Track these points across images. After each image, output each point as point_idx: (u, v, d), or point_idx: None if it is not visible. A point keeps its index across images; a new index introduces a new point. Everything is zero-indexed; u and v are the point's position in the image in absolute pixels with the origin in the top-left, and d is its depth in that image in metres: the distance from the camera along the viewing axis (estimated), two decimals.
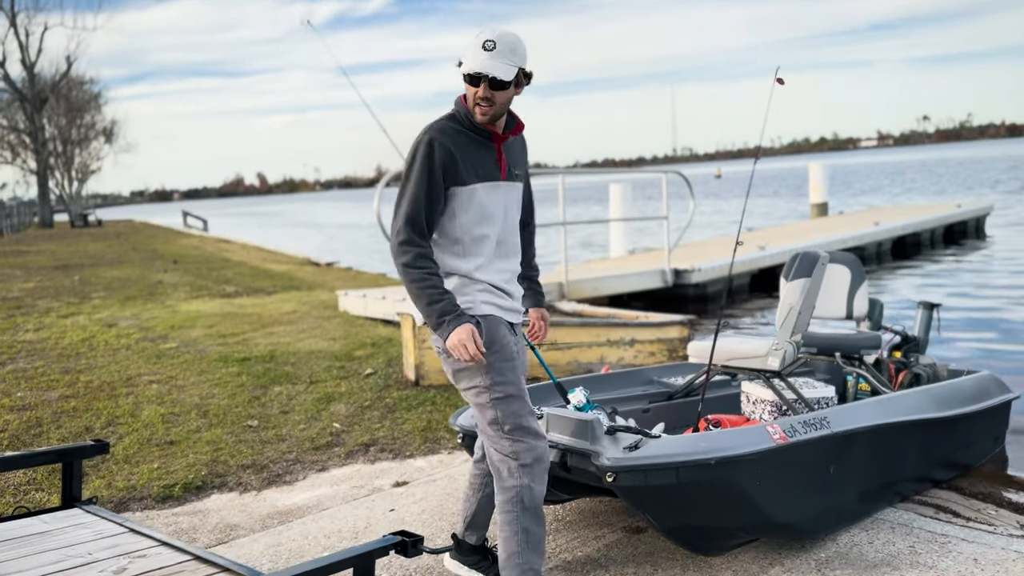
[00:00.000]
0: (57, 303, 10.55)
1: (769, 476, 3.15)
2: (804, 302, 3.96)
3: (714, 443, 3.02)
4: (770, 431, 3.18)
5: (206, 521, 3.99)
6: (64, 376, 6.34)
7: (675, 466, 2.91)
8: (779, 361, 3.89)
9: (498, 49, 2.62)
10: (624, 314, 8.20)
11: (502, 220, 2.79)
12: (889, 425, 3.57)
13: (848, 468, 3.49)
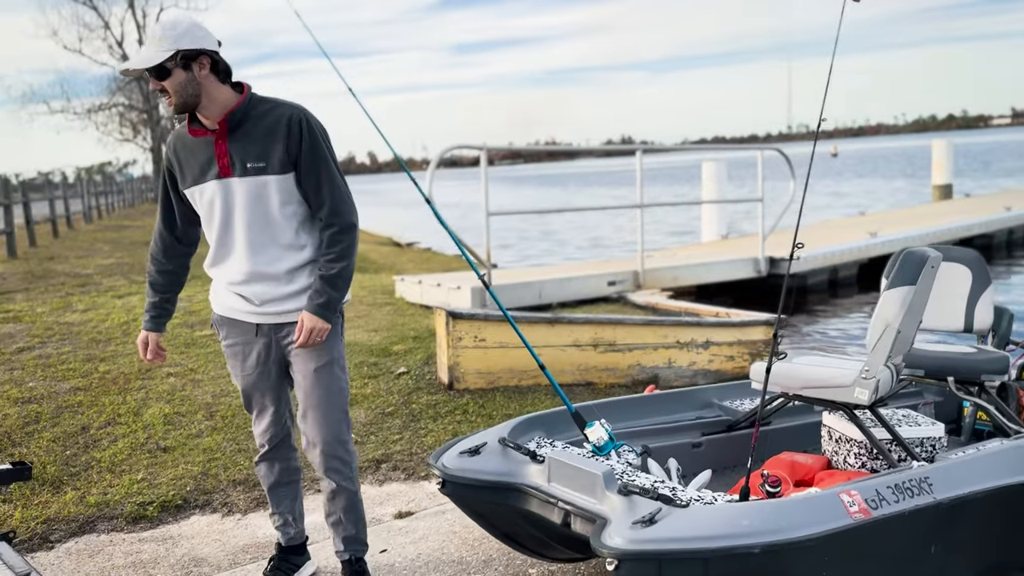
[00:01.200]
0: (122, 281, 10.40)
1: (841, 564, 2.28)
2: (906, 317, 3.01)
3: (764, 520, 2.18)
4: (845, 500, 2.31)
5: (172, 552, 3.42)
6: (84, 365, 5.96)
7: (703, 556, 2.09)
8: (868, 393, 2.97)
9: (151, 38, 2.52)
10: (703, 310, 7.28)
11: (222, 219, 2.67)
12: (1018, 485, 2.63)
13: (957, 546, 2.58)
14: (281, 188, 2.62)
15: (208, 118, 2.60)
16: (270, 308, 2.71)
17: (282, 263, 2.67)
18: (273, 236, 2.65)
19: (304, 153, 2.61)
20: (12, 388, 5.44)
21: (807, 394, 3.13)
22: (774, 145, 10.06)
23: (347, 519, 2.90)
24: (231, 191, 2.63)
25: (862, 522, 2.28)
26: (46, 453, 4.39)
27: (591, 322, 5.60)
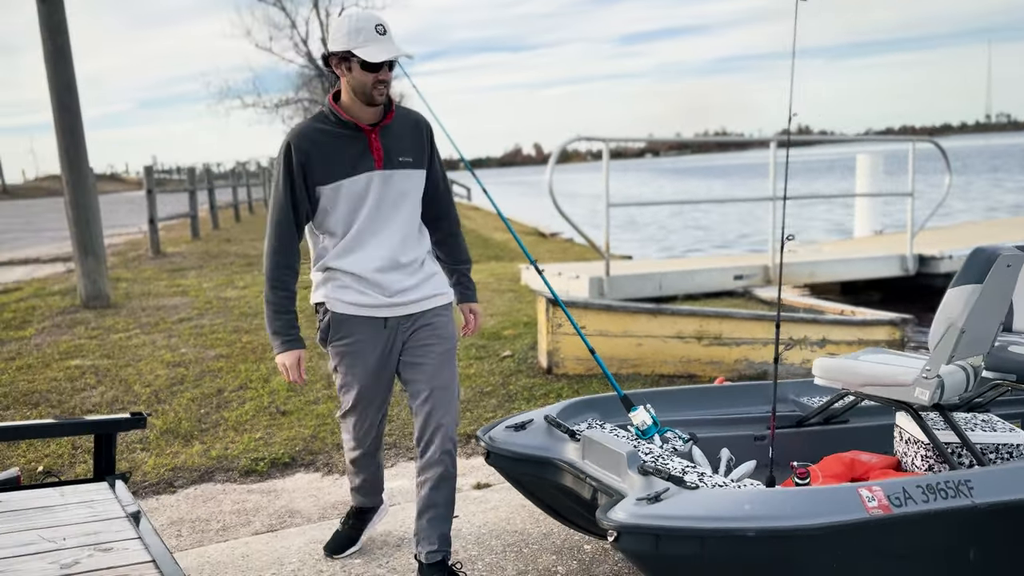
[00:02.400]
0: None
1: (859, 559, 2.28)
2: (971, 317, 2.90)
3: (767, 507, 2.22)
4: (864, 495, 2.30)
5: (272, 503, 3.82)
6: (230, 335, 6.61)
7: (699, 534, 2.16)
8: (929, 394, 2.89)
9: (389, 32, 2.62)
10: (829, 307, 7.06)
11: (372, 207, 2.74)
12: None
13: (1004, 555, 2.49)
14: (420, 183, 2.82)
15: (365, 115, 2.71)
16: (399, 299, 2.79)
17: (412, 253, 2.81)
18: (411, 226, 2.81)
19: (434, 156, 2.88)
20: (167, 353, 6.14)
21: (868, 391, 3.08)
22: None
23: (447, 512, 2.84)
24: (384, 182, 2.73)
25: (881, 518, 2.26)
26: (184, 410, 4.96)
27: (695, 314, 5.61)
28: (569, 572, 3.06)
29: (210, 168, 26.71)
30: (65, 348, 6.32)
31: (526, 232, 17.67)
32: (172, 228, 18.14)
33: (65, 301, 8.11)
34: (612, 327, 5.53)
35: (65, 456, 4.30)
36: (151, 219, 12.38)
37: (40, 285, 9.39)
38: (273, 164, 35.33)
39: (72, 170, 7.61)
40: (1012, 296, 3.09)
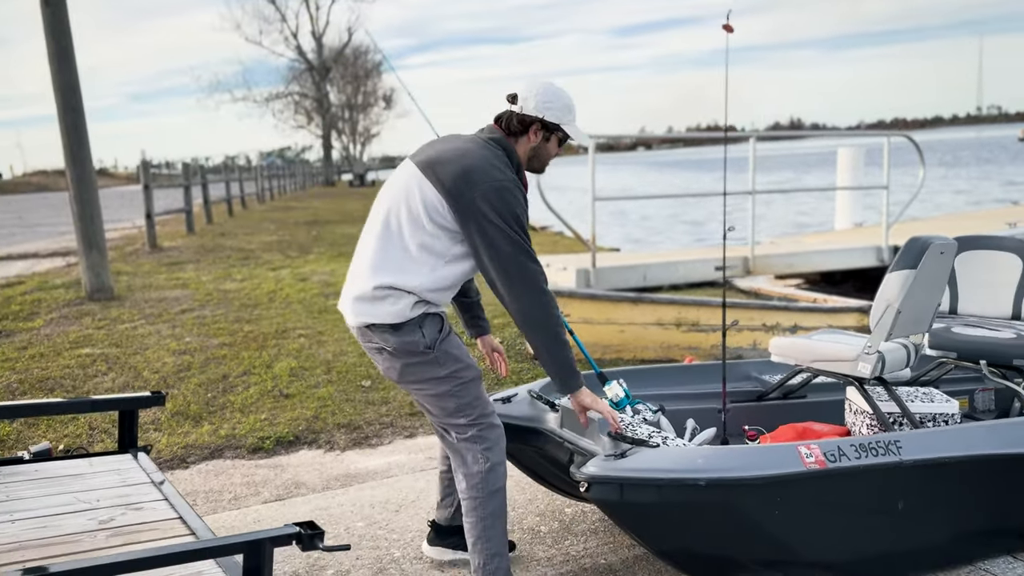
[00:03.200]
0: (279, 256, 11.57)
1: (796, 506, 2.62)
2: (906, 298, 3.23)
3: (717, 461, 2.55)
4: (803, 452, 2.63)
5: (279, 476, 4.14)
6: (232, 325, 6.91)
7: (657, 483, 2.50)
8: (870, 368, 3.23)
9: None
10: (803, 296, 7.41)
11: None
12: (998, 457, 2.84)
13: (932, 505, 2.83)
14: None
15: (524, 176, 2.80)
16: None
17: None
18: None
19: None
20: (172, 342, 6.44)
21: (817, 366, 3.42)
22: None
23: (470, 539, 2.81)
24: None
25: (816, 471, 2.59)
26: (192, 394, 5.27)
27: (674, 302, 5.94)
28: (551, 531, 3.39)
29: (202, 164, 26.91)
30: (74, 338, 6.61)
31: None
32: (166, 223, 18.37)
33: (70, 294, 8.39)
34: (595, 315, 5.86)
35: (83, 437, 4.61)
36: (148, 214, 12.63)
37: (42, 279, 9.65)
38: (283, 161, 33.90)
39: (76, 167, 7.89)
40: (947, 281, 3.42)
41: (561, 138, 2.73)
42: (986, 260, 4.02)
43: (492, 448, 2.69)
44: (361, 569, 3.11)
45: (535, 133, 2.68)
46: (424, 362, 2.62)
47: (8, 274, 10.49)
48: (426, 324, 2.61)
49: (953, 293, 4.10)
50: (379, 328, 2.62)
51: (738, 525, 2.59)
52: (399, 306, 2.58)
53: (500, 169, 2.56)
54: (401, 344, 2.61)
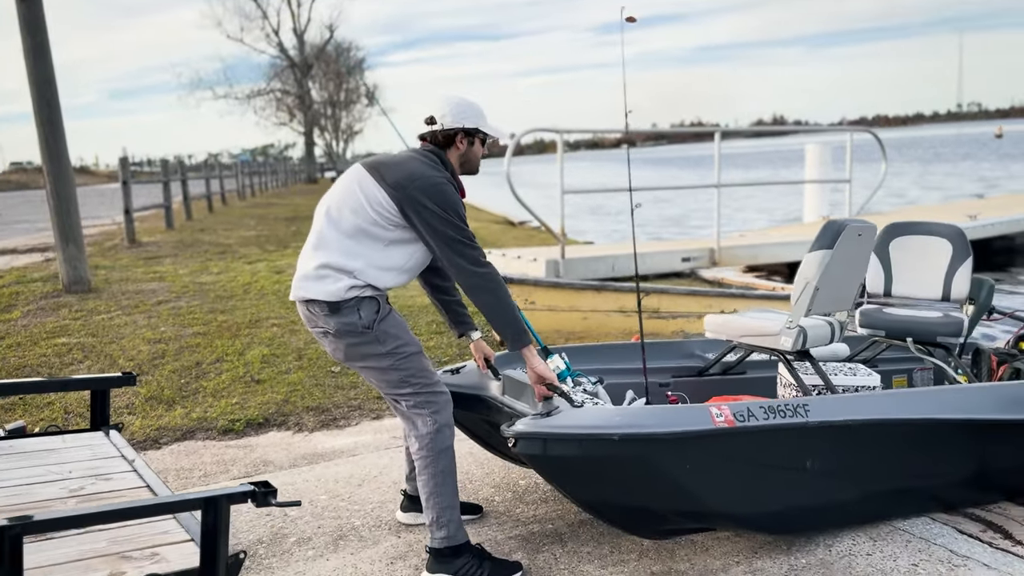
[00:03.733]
0: (256, 250, 11.71)
1: (707, 461, 2.83)
2: (823, 276, 3.47)
3: (633, 419, 2.77)
4: (714, 412, 2.84)
5: (248, 455, 4.31)
6: (207, 315, 7.07)
7: (577, 438, 2.71)
8: (792, 341, 3.47)
9: None
10: (764, 285, 7.64)
11: None
12: (904, 422, 3.06)
13: (841, 466, 3.05)
14: None
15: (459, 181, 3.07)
16: None
17: None
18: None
19: None
20: (148, 331, 6.60)
21: (745, 341, 3.68)
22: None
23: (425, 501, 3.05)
24: None
25: (726, 429, 2.81)
26: (166, 380, 5.43)
27: (644, 291, 6.15)
28: (504, 500, 3.59)
29: (182, 160, 26.90)
30: (51, 328, 6.75)
31: (496, 221, 18.19)
32: (146, 219, 18.43)
33: (47, 287, 8.51)
34: (560, 302, 6.06)
35: (59, 420, 4.76)
36: (126, 209, 12.72)
37: (20, 273, 9.75)
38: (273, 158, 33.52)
39: (53, 162, 8.00)
40: (868, 262, 3.66)
41: (483, 139, 3.04)
42: (919, 245, 4.26)
43: (439, 412, 2.93)
44: (323, 536, 3.30)
45: (461, 142, 2.99)
46: (365, 341, 2.88)
47: None
48: (363, 306, 2.87)
49: (888, 276, 4.35)
50: (320, 308, 2.88)
51: (652, 478, 2.80)
52: (337, 286, 2.84)
53: (437, 170, 2.88)
54: (341, 325, 2.87)
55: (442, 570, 2.89)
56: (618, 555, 3.07)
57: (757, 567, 2.95)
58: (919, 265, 4.27)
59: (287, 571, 3.01)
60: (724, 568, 2.95)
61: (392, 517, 3.45)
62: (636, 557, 3.05)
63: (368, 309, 2.88)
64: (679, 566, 2.97)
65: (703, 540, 3.17)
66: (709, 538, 3.19)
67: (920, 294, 4.26)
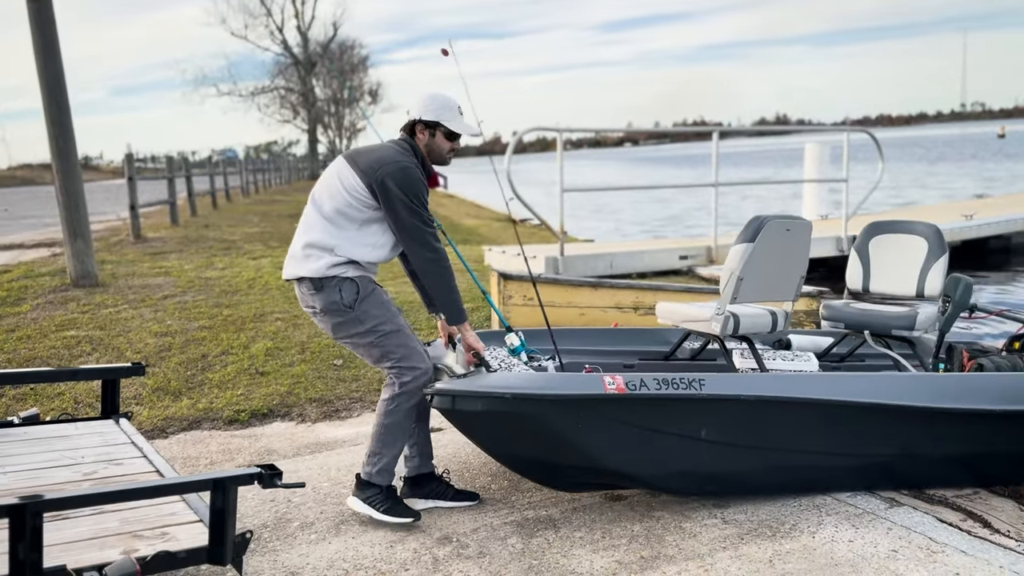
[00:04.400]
0: (260, 247, 11.83)
1: (599, 422, 3.15)
2: (746, 267, 3.74)
3: (532, 382, 3.10)
4: (607, 380, 3.14)
5: (252, 444, 4.44)
6: (212, 309, 7.20)
7: (477, 396, 3.06)
8: (720, 326, 3.77)
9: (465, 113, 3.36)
10: None
11: None
12: (793, 400, 3.26)
13: (737, 437, 3.29)
14: None
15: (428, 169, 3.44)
16: None
17: None
18: None
19: None
20: (155, 325, 6.73)
21: (685, 326, 4.00)
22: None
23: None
24: None
25: (615, 395, 3.10)
26: (172, 372, 5.56)
27: (632, 287, 6.27)
28: (501, 488, 3.72)
29: (186, 156, 27.04)
30: (60, 321, 6.88)
31: (497, 219, 18.30)
32: (151, 215, 18.57)
33: (55, 281, 8.64)
34: (558, 298, 6.17)
35: (69, 409, 4.89)
36: (132, 205, 12.85)
37: (28, 267, 9.89)
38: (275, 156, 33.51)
39: (62, 158, 8.13)
40: (806, 257, 3.91)
41: (445, 132, 3.31)
42: (897, 243, 4.39)
43: (410, 381, 3.29)
44: (324, 521, 3.42)
45: (421, 132, 3.32)
46: (347, 320, 3.24)
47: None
48: (344, 286, 3.22)
49: (866, 273, 4.50)
50: (307, 287, 3.25)
51: (547, 434, 3.14)
52: (319, 263, 3.21)
53: (405, 156, 3.23)
54: (325, 304, 3.23)
55: (357, 495, 3.35)
56: (609, 540, 3.18)
57: (743, 552, 3.07)
58: (896, 262, 4.39)
59: (291, 554, 3.13)
60: (711, 553, 3.07)
61: None
62: (626, 543, 3.17)
63: (349, 290, 3.22)
64: (667, 551, 3.09)
65: (691, 527, 3.29)
66: (697, 524, 3.30)
67: (896, 291, 4.38)
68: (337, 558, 3.08)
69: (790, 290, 3.89)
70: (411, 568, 2.99)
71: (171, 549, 2.43)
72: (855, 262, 4.54)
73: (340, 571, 2.98)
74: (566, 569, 2.97)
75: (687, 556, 3.05)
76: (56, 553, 2.38)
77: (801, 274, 3.90)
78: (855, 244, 4.56)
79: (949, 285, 4.21)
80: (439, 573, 2.96)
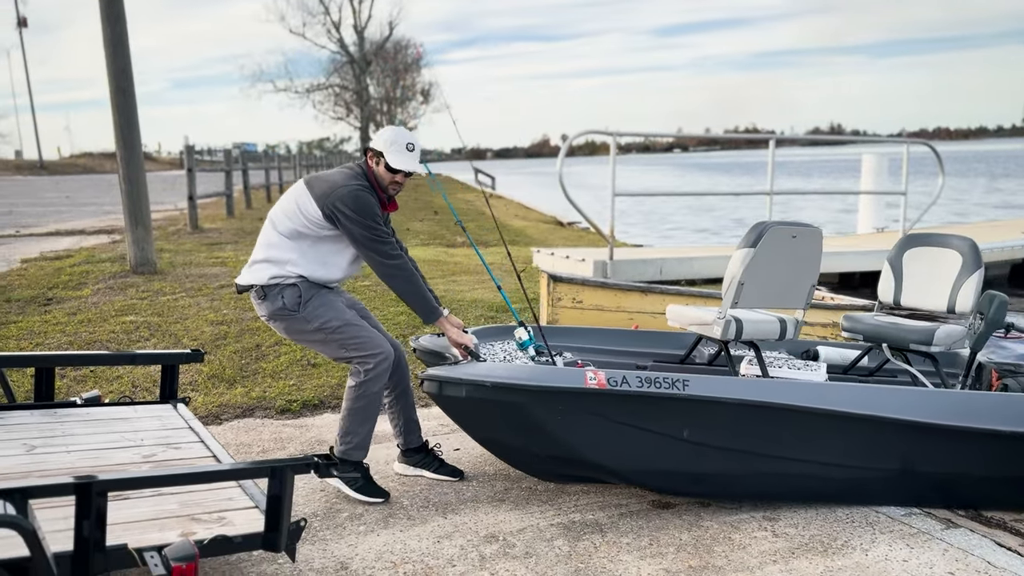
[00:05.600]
0: None
1: (579, 415, 3.19)
2: (746, 273, 3.73)
3: (515, 373, 3.18)
4: (588, 375, 3.17)
5: (304, 434, 4.50)
6: None
7: (460, 383, 3.20)
8: (720, 330, 3.77)
9: (416, 151, 3.52)
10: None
11: None
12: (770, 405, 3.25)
13: (721, 440, 3.30)
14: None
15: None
16: None
17: None
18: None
19: None
20: (211, 313, 6.86)
21: (692, 329, 4.00)
22: (922, 140, 10.01)
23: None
24: None
25: (596, 390, 3.13)
26: (227, 360, 5.67)
27: (682, 293, 6.22)
28: (547, 489, 3.72)
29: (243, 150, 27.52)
30: (120, 306, 7.06)
31: (545, 221, 18.29)
32: (207, 206, 18.94)
33: (115, 267, 8.87)
34: (607, 302, 6.15)
35: (127, 392, 5.01)
36: (190, 196, 13.13)
37: (89, 253, 10.16)
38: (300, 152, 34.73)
39: (126, 148, 8.35)
40: (816, 264, 3.85)
41: (387, 164, 3.48)
42: (931, 256, 4.29)
43: (371, 368, 3.48)
44: (373, 513, 3.46)
45: (370, 159, 3.54)
46: (295, 321, 3.48)
47: (58, 248, 11.03)
48: (285, 293, 3.46)
49: (898, 286, 4.42)
50: (254, 296, 3.52)
51: (527, 424, 3.23)
52: (263, 274, 3.48)
53: (356, 180, 3.44)
54: (272, 311, 3.49)
55: (334, 470, 3.53)
56: (656, 548, 3.17)
57: (793, 567, 3.03)
58: (929, 276, 4.28)
59: (340, 543, 3.17)
60: (760, 566, 3.03)
61: (440, 498, 3.60)
62: (674, 551, 3.15)
63: (290, 295, 3.46)
64: (716, 561, 3.06)
65: (740, 538, 3.25)
66: (746, 536, 3.27)
67: (926, 305, 4.28)
68: (385, 550, 3.12)
69: (800, 298, 3.88)
70: (458, 564, 3.01)
71: (228, 534, 2.48)
72: (887, 274, 4.46)
73: (388, 564, 3.02)
74: (613, 574, 2.96)
75: (736, 568, 3.01)
76: (117, 532, 2.45)
77: (812, 282, 3.88)
78: (889, 256, 4.48)
79: (983, 302, 4.07)
80: (485, 571, 2.97)
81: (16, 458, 3.07)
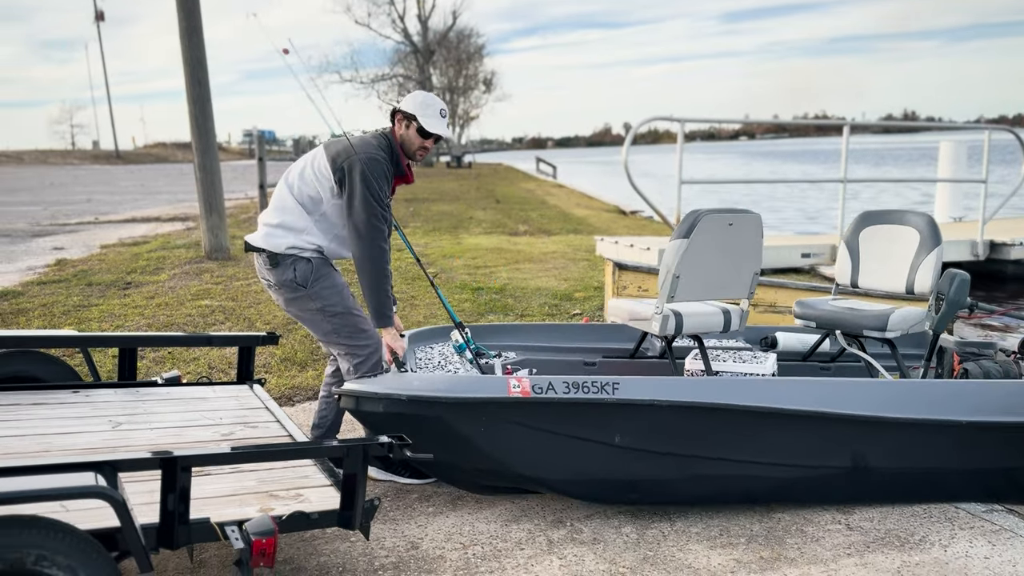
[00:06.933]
0: None
1: (502, 425, 3.01)
2: (681, 264, 3.54)
3: (433, 384, 3.02)
4: (511, 383, 3.00)
5: None
6: None
7: (379, 397, 3.02)
8: (658, 325, 3.60)
9: (447, 118, 3.41)
10: None
11: None
12: (706, 405, 3.04)
13: (656, 444, 3.09)
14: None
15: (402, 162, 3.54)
16: None
17: None
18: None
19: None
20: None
21: (632, 324, 3.83)
22: (1005, 127, 9.64)
23: None
24: None
25: (519, 399, 2.97)
26: (298, 344, 5.79)
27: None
28: None
29: (311, 140, 28.02)
30: (195, 291, 7.27)
31: (607, 210, 18.19)
32: None
33: (190, 253, 9.14)
34: None
35: (204, 373, 5.17)
36: (261, 184, 13.41)
37: (165, 239, 10.49)
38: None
39: (201, 137, 8.57)
40: (757, 251, 3.65)
41: (419, 128, 3.36)
42: (888, 235, 4.06)
43: (363, 360, 3.39)
44: (442, 495, 3.50)
45: (399, 123, 3.41)
46: (299, 297, 3.38)
47: (135, 234, 11.41)
48: (298, 265, 3.35)
49: (855, 267, 4.20)
50: (264, 260, 3.39)
51: (449, 436, 3.04)
52: (277, 240, 3.36)
53: (374, 148, 3.31)
54: (279, 280, 3.38)
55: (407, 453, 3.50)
56: (726, 538, 3.13)
57: (868, 560, 2.96)
58: (886, 256, 4.06)
59: (410, 523, 3.22)
60: (834, 559, 2.98)
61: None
62: (745, 542, 3.11)
63: (303, 269, 3.35)
64: (788, 553, 3.02)
65: (813, 531, 3.20)
66: (820, 529, 3.21)
67: (884, 286, 4.06)
68: (454, 532, 3.15)
69: (743, 287, 3.70)
70: (526, 548, 3.03)
71: (305, 510, 2.54)
72: (844, 254, 4.23)
73: (457, 544, 3.05)
74: (682, 563, 2.94)
75: (809, 560, 2.97)
76: (199, 506, 2.53)
77: (755, 270, 3.69)
78: (844, 235, 4.25)
79: (943, 282, 3.79)
80: (553, 555, 2.98)
81: (102, 434, 3.19)
